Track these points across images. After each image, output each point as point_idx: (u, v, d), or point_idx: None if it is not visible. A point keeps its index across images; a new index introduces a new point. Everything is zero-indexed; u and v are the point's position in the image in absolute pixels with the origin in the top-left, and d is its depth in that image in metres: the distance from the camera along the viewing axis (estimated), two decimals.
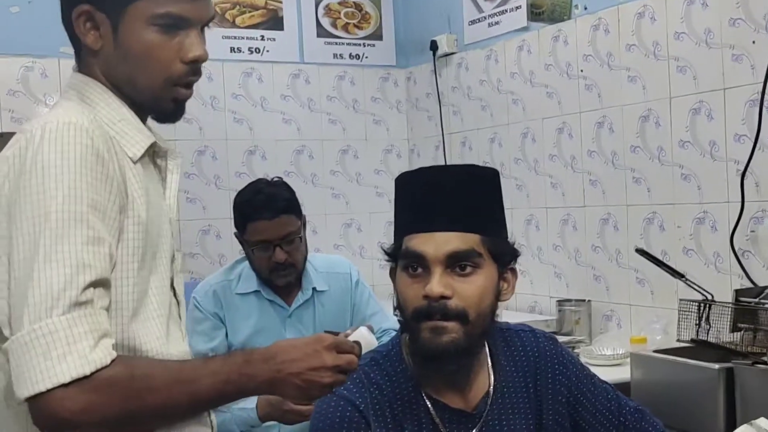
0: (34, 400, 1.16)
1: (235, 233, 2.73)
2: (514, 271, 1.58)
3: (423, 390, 1.55)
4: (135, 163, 1.34)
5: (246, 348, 1.43)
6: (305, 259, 2.72)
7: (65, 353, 1.14)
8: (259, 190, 2.66)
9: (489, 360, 1.62)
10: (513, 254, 1.57)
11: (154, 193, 1.37)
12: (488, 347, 1.62)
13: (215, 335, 2.66)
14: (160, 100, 1.38)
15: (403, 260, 1.53)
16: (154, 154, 1.42)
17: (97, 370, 1.16)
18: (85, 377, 1.15)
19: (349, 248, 4.47)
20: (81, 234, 1.19)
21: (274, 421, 2.56)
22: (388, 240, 4.11)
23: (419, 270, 1.50)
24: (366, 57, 4.59)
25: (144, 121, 1.41)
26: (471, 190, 1.53)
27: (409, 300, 1.50)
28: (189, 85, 1.39)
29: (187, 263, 4.07)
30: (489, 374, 1.61)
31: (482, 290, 1.50)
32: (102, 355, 1.17)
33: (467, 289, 1.48)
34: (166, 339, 1.33)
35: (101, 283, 1.21)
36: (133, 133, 1.35)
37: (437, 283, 1.46)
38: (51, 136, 1.22)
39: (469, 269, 1.49)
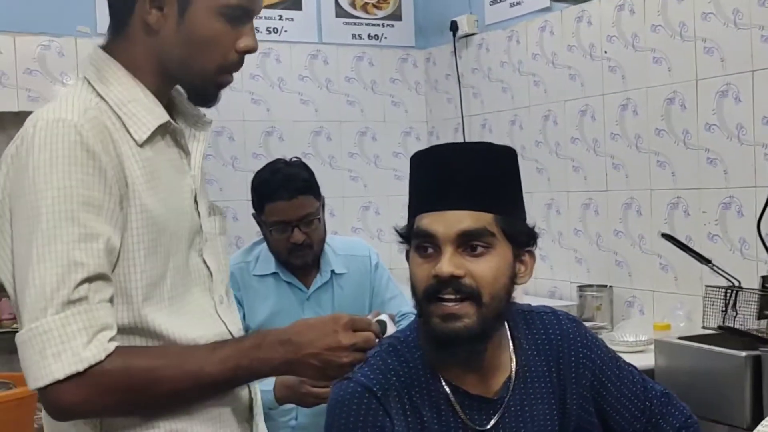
0: (40, 392, 1.22)
1: (252, 214, 2.70)
2: (532, 253, 1.52)
3: (442, 376, 1.51)
4: (141, 146, 1.33)
5: (260, 330, 1.40)
6: (323, 240, 2.68)
7: (60, 351, 1.19)
8: (277, 170, 2.62)
9: (510, 344, 1.57)
10: (530, 236, 1.51)
11: (168, 172, 1.37)
12: (509, 330, 1.57)
13: None
14: (208, 84, 1.39)
15: (414, 240, 1.48)
16: (174, 132, 1.40)
17: (91, 366, 1.20)
18: (79, 373, 1.19)
19: (366, 231, 4.43)
20: (72, 232, 1.21)
21: (292, 404, 2.53)
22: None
23: (430, 250, 1.45)
24: (385, 37, 4.54)
25: (164, 101, 1.40)
26: (485, 168, 1.47)
27: (419, 280, 1.46)
28: (236, 70, 1.41)
29: None
30: (510, 359, 1.56)
31: (495, 271, 1.44)
32: (95, 351, 1.20)
33: (480, 269, 1.42)
34: (179, 319, 1.34)
35: (98, 278, 1.23)
36: (142, 115, 1.34)
37: (448, 263, 1.41)
38: (41, 134, 1.24)
39: (481, 249, 1.43)
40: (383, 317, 1.47)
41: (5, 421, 2.96)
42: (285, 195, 2.55)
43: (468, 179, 1.45)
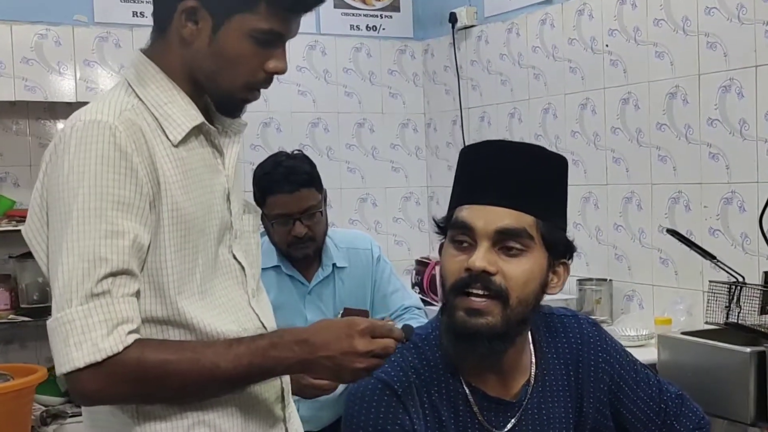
0: (65, 378, 1.28)
1: None
2: (566, 266, 1.51)
3: (462, 377, 1.51)
4: (176, 146, 1.38)
5: (278, 330, 1.40)
6: (325, 233, 2.67)
7: (81, 341, 1.25)
8: (279, 163, 2.61)
9: (531, 347, 1.57)
10: (567, 247, 1.50)
11: (201, 171, 1.41)
12: (531, 334, 1.57)
13: None
14: (234, 99, 1.44)
15: (451, 231, 1.47)
16: (208, 132, 1.45)
17: (109, 357, 1.25)
18: (98, 363, 1.25)
19: (364, 223, 4.42)
20: (99, 229, 1.27)
21: (294, 396, 2.53)
22: (404, 215, 4.07)
23: (465, 244, 1.44)
24: (383, 28, 4.52)
25: (200, 104, 1.44)
26: (533, 170, 1.46)
27: (450, 272, 1.45)
28: (263, 88, 1.45)
29: None
30: (531, 362, 1.56)
31: (528, 274, 1.43)
32: (114, 342, 1.26)
33: (512, 270, 1.42)
34: (210, 312, 1.39)
35: (122, 273, 1.28)
36: (177, 116, 1.39)
37: (482, 258, 1.40)
38: (77, 135, 1.30)
39: (516, 250, 1.42)
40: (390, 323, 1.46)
41: (3, 412, 2.96)
42: (287, 188, 2.54)
43: (515, 178, 1.44)
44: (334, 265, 2.70)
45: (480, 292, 1.41)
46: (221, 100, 1.44)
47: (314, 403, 2.56)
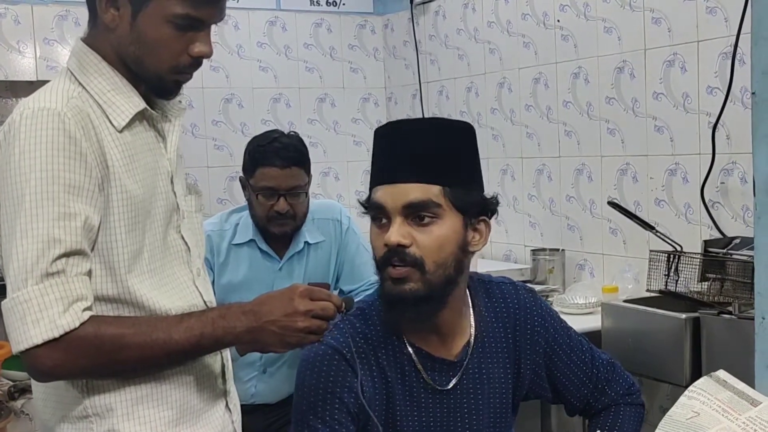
0: (22, 355, 1.33)
1: (241, 177, 2.73)
2: (487, 223, 1.61)
3: (407, 339, 1.61)
4: (120, 131, 1.42)
5: (224, 304, 1.48)
6: (305, 215, 2.71)
7: (38, 319, 1.30)
8: (276, 139, 2.66)
9: (471, 311, 1.67)
10: (483, 206, 1.60)
11: (146, 155, 1.46)
12: (471, 298, 1.67)
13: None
14: (163, 81, 1.47)
15: (370, 211, 1.58)
16: (151, 117, 1.50)
17: (66, 333, 1.30)
18: (55, 339, 1.30)
19: (326, 196, 4.48)
20: (52, 212, 1.32)
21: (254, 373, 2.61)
22: (366, 189, 4.17)
23: (384, 221, 1.55)
24: (343, 4, 4.56)
25: (141, 89, 1.48)
26: (434, 142, 1.56)
27: (375, 249, 1.57)
28: (191, 72, 1.49)
29: None
30: (470, 324, 1.66)
31: (441, 240, 1.53)
32: (70, 319, 1.31)
33: (425, 239, 1.52)
34: (157, 290, 1.45)
35: (75, 253, 1.33)
36: (121, 102, 1.44)
37: (395, 233, 1.51)
38: (27, 122, 1.35)
39: (428, 219, 1.52)
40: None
41: None
42: (279, 162, 2.59)
43: (417, 153, 1.54)
44: (306, 243, 2.74)
45: (399, 264, 1.52)
46: (152, 83, 1.47)
47: (271, 378, 2.64)
